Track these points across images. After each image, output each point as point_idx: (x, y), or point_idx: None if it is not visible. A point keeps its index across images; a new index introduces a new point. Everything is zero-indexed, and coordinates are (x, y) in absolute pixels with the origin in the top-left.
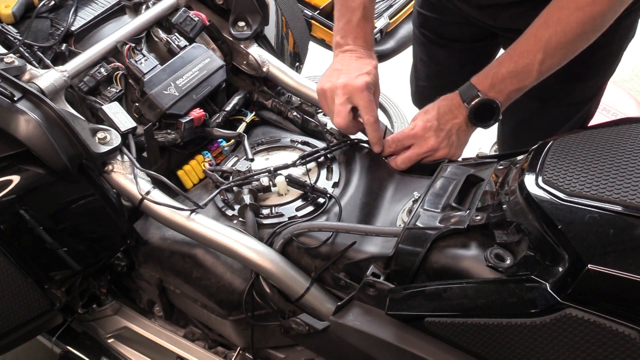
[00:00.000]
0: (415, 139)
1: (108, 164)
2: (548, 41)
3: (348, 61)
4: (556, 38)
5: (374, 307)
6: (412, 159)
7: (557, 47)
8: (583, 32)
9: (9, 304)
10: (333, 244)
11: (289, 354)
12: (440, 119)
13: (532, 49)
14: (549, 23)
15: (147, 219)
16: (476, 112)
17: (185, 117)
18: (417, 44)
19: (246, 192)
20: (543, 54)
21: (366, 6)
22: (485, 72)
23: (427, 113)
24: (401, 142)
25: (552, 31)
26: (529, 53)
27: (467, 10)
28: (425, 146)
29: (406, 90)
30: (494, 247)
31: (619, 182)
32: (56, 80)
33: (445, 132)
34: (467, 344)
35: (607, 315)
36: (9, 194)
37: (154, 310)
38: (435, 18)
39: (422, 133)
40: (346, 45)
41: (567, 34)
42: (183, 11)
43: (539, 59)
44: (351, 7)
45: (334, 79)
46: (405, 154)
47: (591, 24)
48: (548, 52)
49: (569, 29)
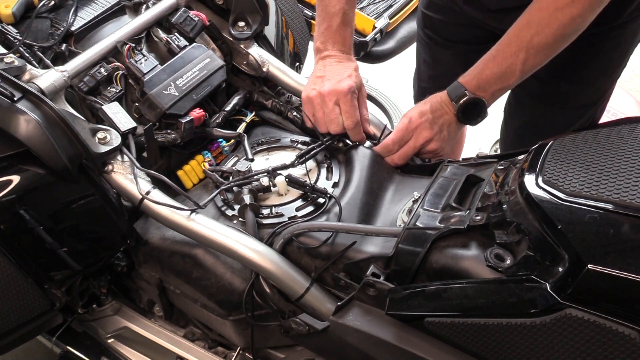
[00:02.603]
0: (413, 132)
1: (108, 164)
2: (530, 42)
3: (329, 67)
4: (538, 39)
5: (374, 307)
6: (409, 153)
7: (538, 48)
8: (563, 32)
9: (9, 304)
10: (333, 244)
11: (289, 354)
12: (434, 112)
13: (514, 49)
14: (531, 24)
15: (147, 219)
16: (464, 110)
17: (185, 117)
18: (420, 45)
19: (246, 192)
20: (525, 54)
21: (345, 12)
22: (471, 72)
23: (420, 106)
24: (402, 139)
25: (533, 32)
26: (512, 54)
27: (473, 13)
28: (421, 138)
29: (406, 90)
30: (494, 247)
31: (619, 182)
32: (56, 80)
33: (438, 126)
34: (467, 344)
35: (607, 315)
36: (9, 194)
37: (154, 310)
38: (440, 20)
39: (417, 123)
40: (326, 51)
41: (548, 34)
42: (183, 11)
43: (522, 59)
44: (330, 13)
45: (318, 86)
46: (402, 149)
47: (571, 25)
48: (530, 52)
49: (549, 29)
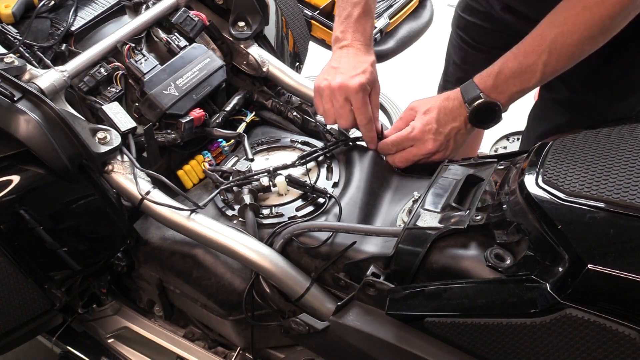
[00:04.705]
0: (414, 142)
1: (108, 164)
2: (553, 42)
3: (345, 58)
4: (562, 39)
5: (374, 307)
6: (410, 159)
7: (562, 49)
8: (590, 34)
9: (9, 304)
10: (333, 244)
11: (289, 354)
12: (440, 121)
13: (536, 49)
14: (556, 23)
15: (147, 219)
16: (477, 113)
17: (185, 117)
18: (452, 47)
19: (246, 192)
20: (548, 55)
21: (367, 1)
22: (489, 71)
23: (426, 114)
24: (400, 144)
25: (558, 31)
26: (533, 53)
27: (511, 20)
28: (424, 149)
29: (406, 90)
30: (494, 247)
31: (619, 182)
32: (56, 80)
33: (443, 136)
34: (467, 344)
35: (607, 315)
36: (9, 194)
37: (154, 310)
38: (476, 23)
39: (420, 136)
40: (344, 41)
41: (573, 35)
42: (183, 11)
43: (544, 60)
44: (352, 2)
45: (330, 77)
46: (403, 153)
47: (599, 26)
48: (553, 53)
49: (575, 29)
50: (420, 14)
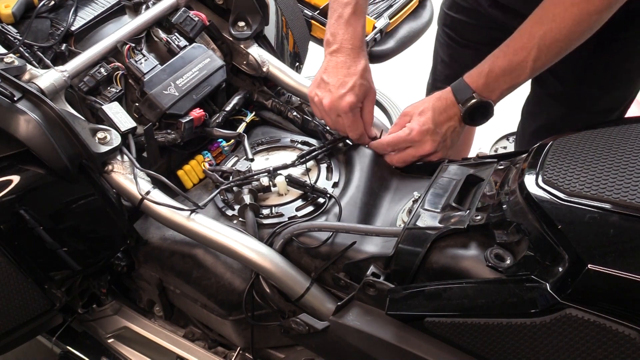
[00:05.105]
0: (412, 143)
1: (108, 164)
2: (542, 38)
3: (334, 70)
4: (551, 35)
5: (374, 307)
6: (408, 160)
7: (551, 45)
8: (578, 29)
9: (9, 304)
10: (333, 244)
11: (289, 354)
12: (436, 121)
13: (525, 46)
14: (544, 20)
15: (147, 219)
16: (471, 113)
17: (185, 117)
18: (439, 45)
19: (246, 192)
20: (537, 51)
21: (358, 1)
22: (479, 70)
23: (422, 115)
24: (397, 145)
25: (546, 28)
26: (523, 50)
27: (500, 17)
28: (422, 150)
29: (406, 90)
30: (494, 247)
31: (619, 182)
32: (56, 80)
33: (440, 136)
34: (467, 344)
35: (607, 315)
36: (9, 194)
37: (154, 310)
38: (463, 20)
39: (418, 137)
40: (334, 44)
41: (562, 30)
42: (183, 11)
43: (533, 56)
44: (343, 3)
45: (321, 93)
46: (401, 154)
47: (587, 21)
48: (542, 49)
49: (564, 25)
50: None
